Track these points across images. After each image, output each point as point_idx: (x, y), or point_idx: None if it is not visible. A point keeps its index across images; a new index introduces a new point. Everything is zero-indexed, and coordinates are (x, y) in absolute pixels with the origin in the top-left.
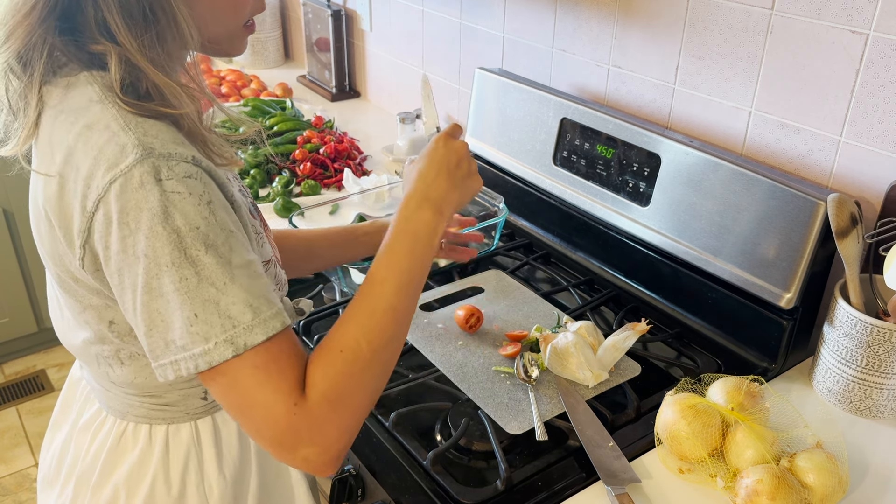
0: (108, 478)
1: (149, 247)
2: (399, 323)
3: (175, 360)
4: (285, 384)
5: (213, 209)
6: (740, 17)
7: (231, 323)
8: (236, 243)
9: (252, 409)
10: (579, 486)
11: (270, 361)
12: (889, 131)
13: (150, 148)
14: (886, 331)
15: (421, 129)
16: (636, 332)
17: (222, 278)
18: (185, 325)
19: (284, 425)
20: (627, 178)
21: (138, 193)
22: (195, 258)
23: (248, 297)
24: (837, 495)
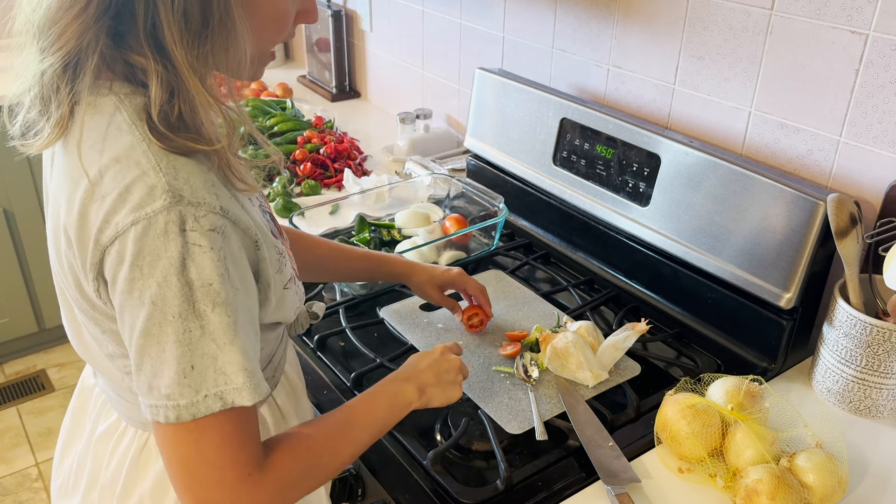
0: (132, 489)
1: (158, 295)
2: (355, 457)
3: (155, 405)
4: (244, 455)
5: (229, 266)
6: (740, 18)
7: (224, 380)
8: (244, 302)
9: (200, 468)
10: (579, 486)
11: (240, 429)
12: (889, 131)
13: (180, 195)
14: (886, 331)
15: (421, 129)
16: (636, 331)
17: (224, 337)
18: (178, 377)
19: (227, 492)
20: (627, 178)
21: (159, 241)
22: (202, 313)
23: (244, 361)
24: (837, 495)
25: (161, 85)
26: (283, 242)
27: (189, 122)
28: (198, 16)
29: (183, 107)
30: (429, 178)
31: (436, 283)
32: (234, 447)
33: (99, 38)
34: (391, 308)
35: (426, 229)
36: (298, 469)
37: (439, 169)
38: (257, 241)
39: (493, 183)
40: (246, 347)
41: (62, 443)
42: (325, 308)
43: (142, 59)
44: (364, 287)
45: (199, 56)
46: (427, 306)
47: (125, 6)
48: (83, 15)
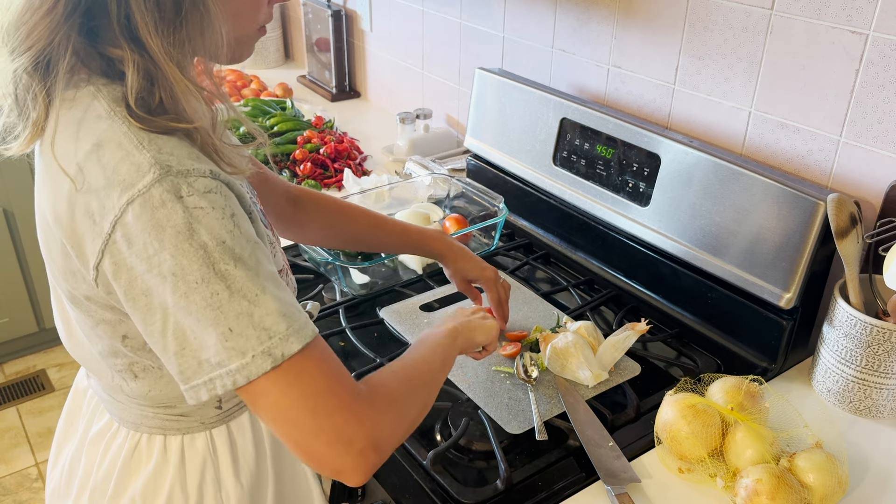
0: (123, 490)
1: (176, 265)
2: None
3: (210, 378)
4: (341, 377)
5: (237, 221)
6: (740, 18)
7: (267, 334)
8: (262, 254)
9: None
10: (579, 486)
11: (320, 359)
12: (889, 131)
13: (168, 165)
14: (886, 331)
15: (421, 129)
16: (636, 331)
17: (253, 290)
18: (220, 342)
19: (349, 414)
20: (627, 178)
21: (160, 213)
22: (225, 272)
23: (280, 306)
24: (837, 495)
25: (139, 74)
26: (275, 234)
27: (170, 108)
28: (170, 3)
29: (163, 94)
30: (429, 178)
31: (468, 277)
32: (330, 373)
33: (70, 36)
34: (391, 308)
35: None
36: (398, 386)
37: (439, 169)
38: (252, 214)
39: (493, 183)
40: (278, 294)
41: (56, 445)
42: (321, 308)
43: (118, 51)
44: (364, 287)
45: (174, 43)
46: (427, 306)
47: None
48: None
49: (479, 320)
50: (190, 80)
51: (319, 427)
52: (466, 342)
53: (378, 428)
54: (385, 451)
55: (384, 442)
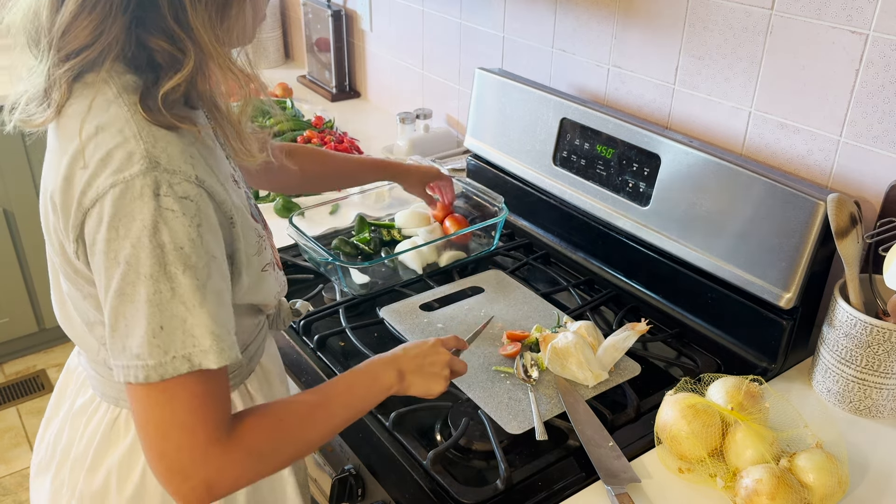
0: (100, 462)
1: (132, 255)
2: (331, 435)
3: (126, 365)
4: (214, 418)
5: (202, 232)
6: (740, 18)
7: (192, 342)
8: (215, 270)
9: (171, 430)
10: (579, 486)
11: (209, 392)
12: (889, 131)
13: (157, 161)
14: (886, 331)
15: (421, 129)
16: (636, 331)
17: (193, 300)
18: (148, 336)
19: (199, 454)
20: (627, 178)
21: (134, 203)
22: (172, 275)
23: (212, 324)
24: (837, 495)
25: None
26: (265, 228)
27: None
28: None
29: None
30: None
31: (423, 182)
32: (206, 409)
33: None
34: (391, 308)
35: (426, 229)
36: (269, 438)
37: None
38: (232, 219)
39: (493, 183)
40: (215, 312)
41: (45, 421)
42: (320, 309)
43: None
44: (364, 287)
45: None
46: (427, 306)
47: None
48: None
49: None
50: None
51: (165, 453)
52: (410, 386)
53: (219, 475)
54: (218, 494)
55: (220, 487)
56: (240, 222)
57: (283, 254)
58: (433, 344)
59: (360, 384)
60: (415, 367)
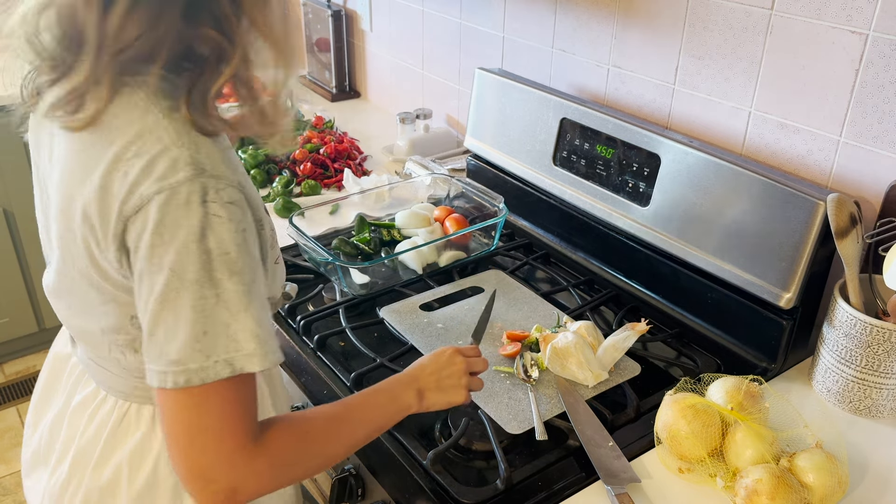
0: (109, 457)
1: (177, 261)
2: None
3: (164, 370)
4: (244, 425)
5: (246, 237)
6: (740, 18)
7: (235, 346)
8: (259, 275)
9: (199, 434)
10: (579, 486)
11: (241, 399)
12: (888, 131)
13: (202, 168)
14: (886, 331)
15: (421, 129)
16: (636, 331)
17: (238, 305)
18: (191, 341)
19: (224, 460)
20: (627, 178)
21: (181, 210)
22: (218, 281)
23: (256, 328)
24: (837, 495)
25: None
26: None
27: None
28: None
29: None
30: (429, 178)
31: None
32: (236, 416)
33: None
34: (391, 308)
35: (426, 229)
36: (294, 448)
37: (439, 169)
38: (262, 221)
39: (493, 183)
40: (259, 316)
41: (34, 410)
42: (322, 307)
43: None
44: (364, 287)
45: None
46: (427, 306)
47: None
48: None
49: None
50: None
51: (191, 456)
52: (431, 405)
53: (244, 481)
54: (241, 501)
55: (243, 493)
56: (265, 220)
57: (284, 254)
58: (449, 356)
59: (380, 403)
60: (433, 384)
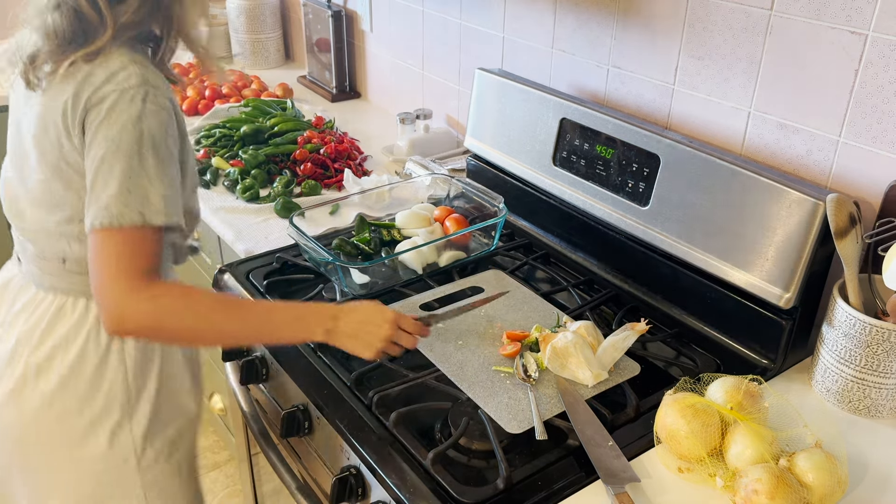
0: (47, 337)
1: (117, 136)
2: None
3: (95, 214)
4: (140, 268)
5: (169, 133)
6: (739, 18)
7: (148, 204)
8: (173, 162)
9: (107, 268)
10: (579, 486)
11: (145, 247)
12: (888, 131)
13: (147, 80)
14: (885, 331)
15: (421, 129)
16: (635, 331)
17: (155, 175)
18: (117, 194)
19: (118, 287)
20: (627, 178)
21: (127, 103)
22: (144, 155)
23: (166, 192)
24: (836, 495)
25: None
26: None
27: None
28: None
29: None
30: (429, 178)
31: None
32: (136, 256)
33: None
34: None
35: (426, 229)
36: (178, 301)
37: (439, 169)
38: (186, 137)
39: (493, 183)
40: (168, 188)
41: None
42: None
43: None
44: (364, 287)
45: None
46: (427, 306)
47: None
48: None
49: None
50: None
51: (99, 285)
52: (338, 344)
53: (128, 310)
54: (128, 328)
55: (129, 322)
56: (188, 144)
57: (284, 254)
58: (384, 318)
59: (285, 319)
60: (350, 330)
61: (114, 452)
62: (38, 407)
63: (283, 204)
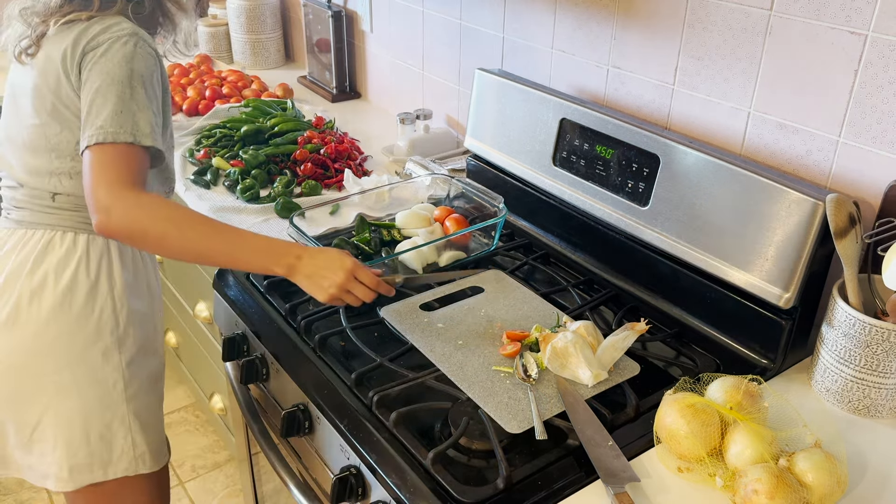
0: (38, 266)
1: (111, 70)
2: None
3: (92, 133)
4: (132, 179)
5: (154, 76)
6: (739, 18)
7: (137, 127)
8: (156, 100)
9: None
10: (579, 485)
11: (137, 162)
12: (887, 131)
13: (137, 32)
14: (885, 330)
15: (420, 129)
16: (635, 331)
17: (143, 104)
18: (112, 116)
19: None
20: (627, 178)
21: (120, 45)
22: (134, 86)
23: (151, 120)
24: (836, 494)
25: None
26: None
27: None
28: None
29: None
30: (429, 178)
31: None
32: (126, 168)
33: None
34: (391, 308)
35: (426, 229)
36: (161, 214)
37: (439, 169)
38: (167, 89)
39: (492, 183)
40: (152, 117)
41: None
42: (321, 308)
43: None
44: None
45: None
46: (427, 306)
47: None
48: None
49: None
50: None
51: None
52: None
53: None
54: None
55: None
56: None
57: None
58: (343, 265)
59: (254, 247)
60: (309, 271)
61: (105, 375)
62: (35, 331)
63: (283, 204)
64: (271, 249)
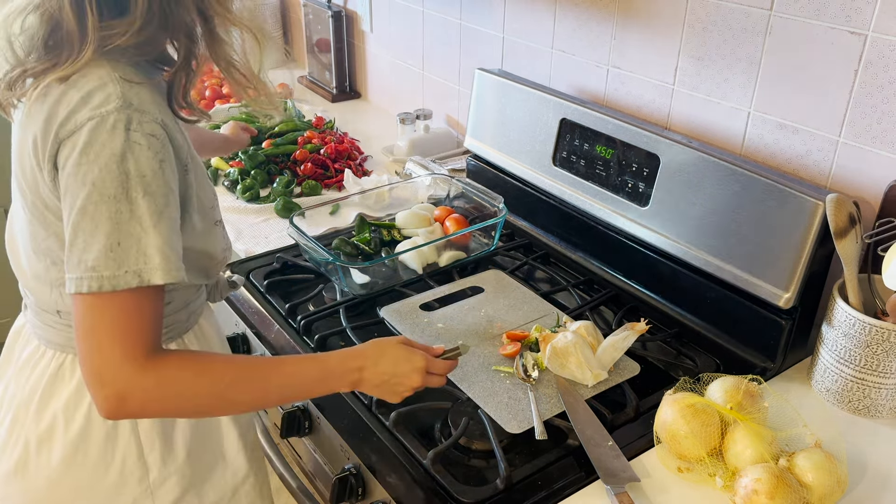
0: (46, 406)
1: (99, 178)
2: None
3: (80, 276)
4: (139, 338)
5: (164, 167)
6: (739, 18)
7: (144, 259)
8: (172, 201)
9: (100, 339)
10: (579, 485)
11: (142, 312)
12: (887, 131)
13: (130, 103)
14: (885, 330)
15: (421, 129)
16: (635, 331)
17: (149, 222)
18: (105, 251)
19: (116, 364)
20: (627, 178)
21: (107, 135)
22: (133, 199)
23: (164, 245)
24: (836, 494)
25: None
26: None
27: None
28: None
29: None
30: (429, 178)
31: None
32: (134, 326)
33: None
34: (391, 308)
35: (426, 229)
36: (187, 380)
37: (439, 169)
38: (187, 167)
39: (492, 183)
40: (167, 235)
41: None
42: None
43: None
44: (364, 287)
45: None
46: (427, 306)
47: None
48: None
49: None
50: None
51: (89, 358)
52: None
53: (131, 391)
54: (130, 410)
55: (131, 404)
56: (194, 171)
57: (284, 254)
58: (413, 367)
59: (309, 375)
60: (377, 381)
61: None
62: (47, 482)
63: (283, 204)
64: (327, 372)
